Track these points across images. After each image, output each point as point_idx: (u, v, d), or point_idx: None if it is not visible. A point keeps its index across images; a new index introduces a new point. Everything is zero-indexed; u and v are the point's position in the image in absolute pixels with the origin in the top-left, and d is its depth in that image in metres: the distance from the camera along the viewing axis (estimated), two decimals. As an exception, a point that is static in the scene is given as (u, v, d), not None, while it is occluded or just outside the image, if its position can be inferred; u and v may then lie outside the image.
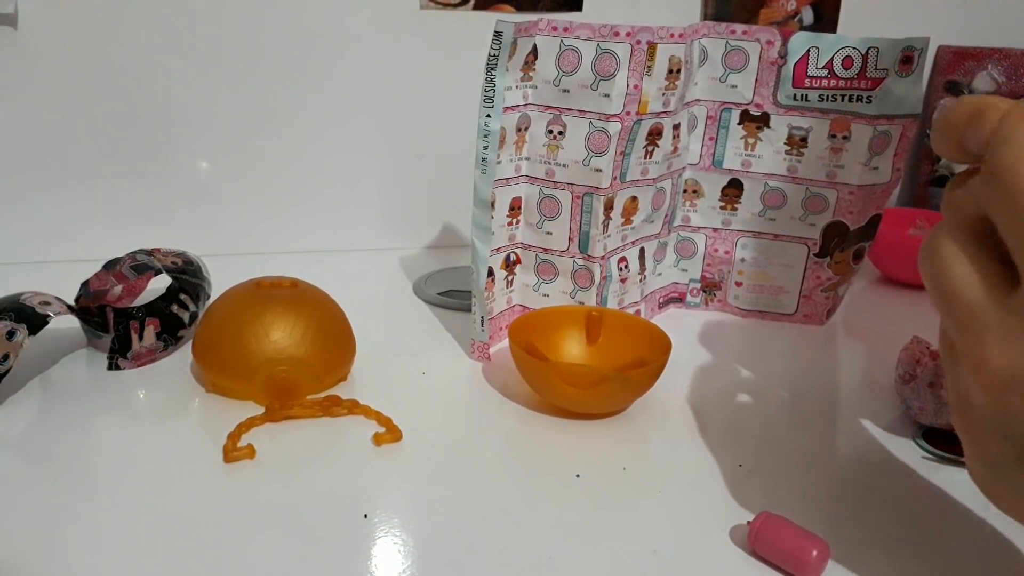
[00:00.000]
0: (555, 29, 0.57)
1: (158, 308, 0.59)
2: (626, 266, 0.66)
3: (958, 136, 0.28)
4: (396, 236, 0.90)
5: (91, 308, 0.59)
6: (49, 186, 0.78)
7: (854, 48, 0.63)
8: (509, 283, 0.65)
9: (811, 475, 0.48)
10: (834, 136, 0.65)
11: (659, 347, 0.54)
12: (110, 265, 0.61)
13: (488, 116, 0.55)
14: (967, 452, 0.30)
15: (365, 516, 0.41)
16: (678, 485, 0.46)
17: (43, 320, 0.52)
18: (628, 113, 0.58)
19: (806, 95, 0.65)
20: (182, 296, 0.60)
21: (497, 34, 0.54)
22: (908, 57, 0.61)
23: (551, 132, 0.60)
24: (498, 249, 0.62)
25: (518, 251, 0.64)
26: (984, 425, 0.27)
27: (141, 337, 0.58)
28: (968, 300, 0.27)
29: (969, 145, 0.28)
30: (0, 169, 0.76)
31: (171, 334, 0.59)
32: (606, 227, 0.62)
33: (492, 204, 0.58)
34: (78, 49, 0.74)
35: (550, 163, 0.61)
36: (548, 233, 0.63)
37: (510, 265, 0.64)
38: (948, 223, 0.29)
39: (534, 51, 0.58)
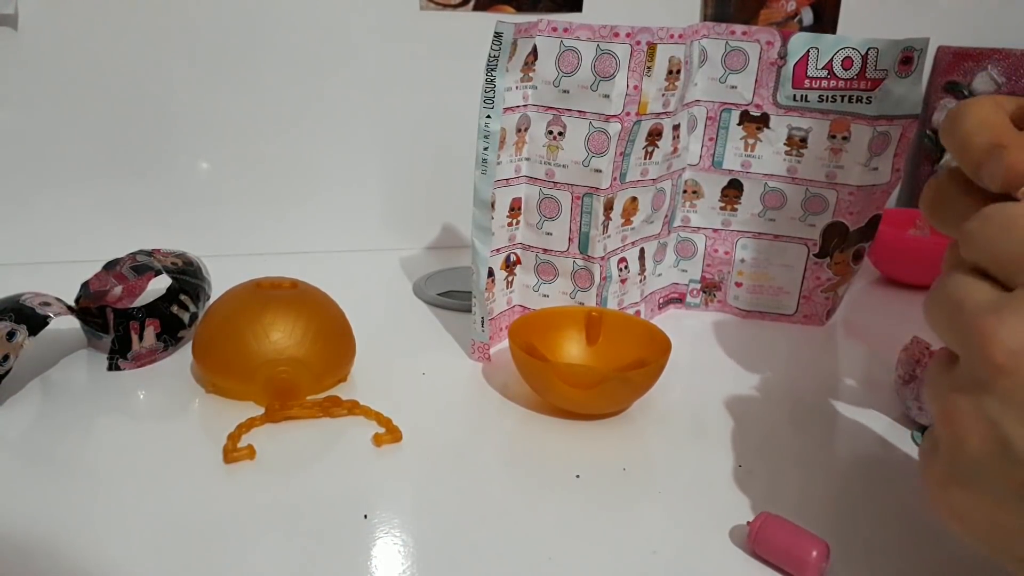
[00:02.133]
0: (555, 30, 0.57)
1: (158, 309, 0.59)
2: (626, 267, 0.66)
3: (975, 163, 0.29)
4: (396, 237, 0.90)
5: (91, 309, 0.59)
6: (49, 186, 0.78)
7: (854, 49, 0.63)
8: (509, 284, 0.65)
9: (811, 475, 0.48)
10: (834, 137, 0.65)
11: (659, 348, 0.54)
12: (110, 266, 0.61)
13: (488, 117, 0.55)
14: (939, 471, 0.29)
15: (365, 516, 0.41)
16: (678, 485, 0.46)
17: (43, 321, 0.52)
18: (628, 114, 0.58)
19: (806, 96, 0.65)
20: (182, 297, 0.60)
21: (497, 35, 0.54)
22: (908, 58, 0.61)
23: (551, 133, 0.60)
24: (498, 250, 0.62)
25: (518, 252, 0.64)
26: (982, 421, 0.27)
27: (141, 338, 0.58)
28: (976, 299, 0.28)
29: (986, 181, 0.29)
30: (0, 169, 0.76)
31: (171, 335, 0.59)
32: (606, 228, 0.62)
33: (492, 205, 0.58)
34: (78, 50, 0.74)
35: (550, 164, 0.61)
36: (548, 234, 0.63)
37: (510, 266, 0.64)
38: (953, 261, 0.30)
39: (534, 52, 0.58)
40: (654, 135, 0.62)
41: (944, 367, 0.30)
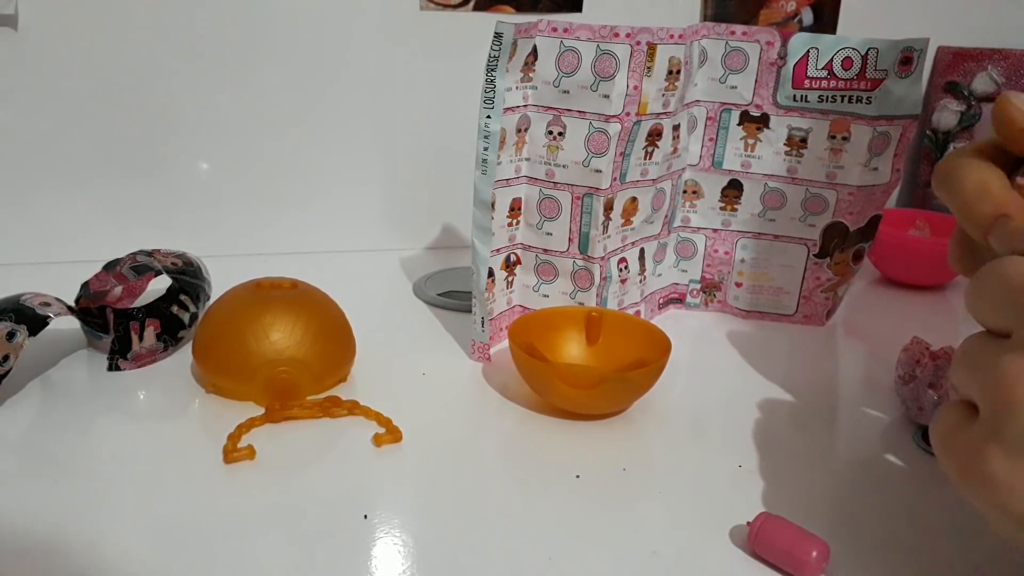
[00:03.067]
0: (555, 30, 0.57)
1: (158, 309, 0.59)
2: (626, 267, 0.66)
3: (981, 230, 0.31)
4: (396, 237, 0.90)
5: (91, 309, 0.59)
6: (49, 186, 0.78)
7: (854, 49, 0.63)
8: (509, 284, 0.65)
9: (811, 475, 0.48)
10: (834, 137, 0.65)
11: (659, 348, 0.54)
12: (110, 266, 0.61)
13: (488, 117, 0.55)
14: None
15: (365, 517, 0.41)
16: (678, 485, 0.46)
17: (43, 321, 0.52)
18: (628, 114, 0.58)
19: (806, 96, 0.65)
20: (182, 297, 0.61)
21: (497, 35, 0.54)
22: (907, 58, 0.61)
23: (551, 133, 0.60)
24: (498, 250, 0.62)
25: (518, 252, 0.65)
26: None
27: (141, 338, 0.58)
28: None
29: (994, 246, 0.30)
30: (0, 169, 0.76)
31: (171, 335, 0.59)
32: (606, 228, 0.62)
33: (492, 205, 0.58)
34: (78, 50, 0.74)
35: (550, 164, 0.61)
36: (548, 234, 0.63)
37: (510, 266, 0.64)
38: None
39: (534, 52, 0.58)
40: (654, 135, 0.62)
41: (987, 341, 0.30)
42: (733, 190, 0.69)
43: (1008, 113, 0.31)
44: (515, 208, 0.62)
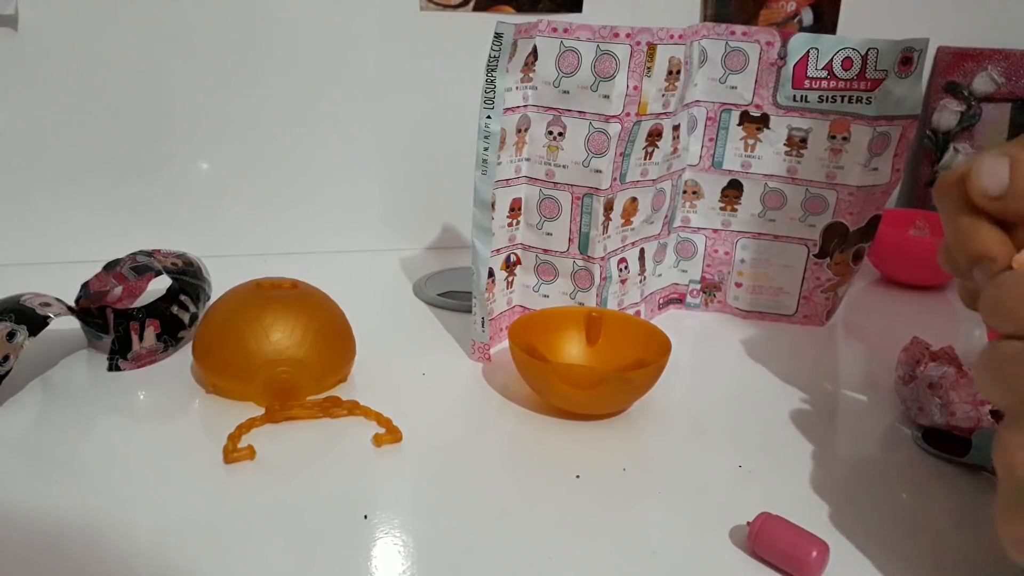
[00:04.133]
0: (555, 30, 0.57)
1: (158, 309, 0.59)
2: (626, 267, 0.66)
3: (967, 261, 0.33)
4: (396, 237, 0.90)
5: (91, 309, 0.59)
6: (49, 187, 0.78)
7: (854, 49, 0.63)
8: (509, 284, 0.65)
9: (811, 475, 0.48)
10: (834, 137, 0.65)
11: (659, 348, 0.54)
12: (110, 266, 0.61)
13: (488, 117, 0.55)
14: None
15: (365, 517, 0.41)
16: (678, 485, 0.46)
17: (43, 321, 0.52)
18: (628, 114, 0.58)
19: (806, 96, 0.65)
20: (182, 297, 0.61)
21: (497, 35, 0.54)
22: (908, 58, 0.61)
23: (551, 133, 0.60)
24: (498, 250, 0.62)
25: (518, 252, 0.65)
26: None
27: (141, 338, 0.58)
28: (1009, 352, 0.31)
29: (975, 278, 0.33)
30: (0, 169, 0.76)
31: (171, 335, 0.59)
32: (606, 228, 0.62)
33: (492, 205, 0.58)
34: (78, 50, 0.74)
35: (550, 164, 0.61)
36: (548, 234, 0.63)
37: (510, 266, 0.64)
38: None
39: (534, 52, 0.58)
40: (654, 136, 0.62)
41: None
42: (733, 190, 0.69)
43: (970, 179, 0.33)
44: (515, 208, 0.62)
